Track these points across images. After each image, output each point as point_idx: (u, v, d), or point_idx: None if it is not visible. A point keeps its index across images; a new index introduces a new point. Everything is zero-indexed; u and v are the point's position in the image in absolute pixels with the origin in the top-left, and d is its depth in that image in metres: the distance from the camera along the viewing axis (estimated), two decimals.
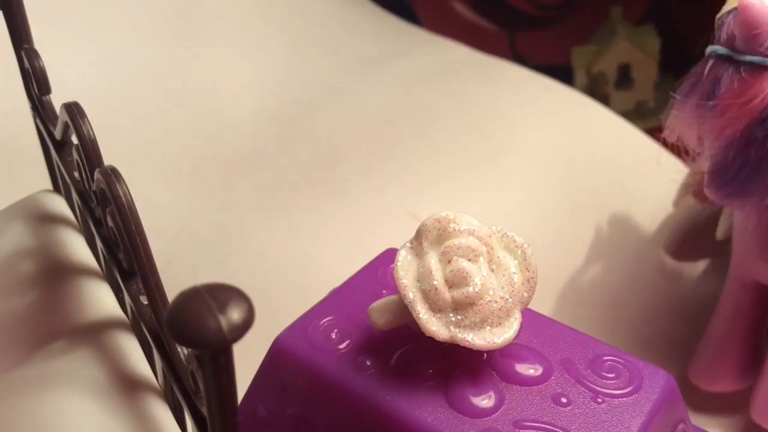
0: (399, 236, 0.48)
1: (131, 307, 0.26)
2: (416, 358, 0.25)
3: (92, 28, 0.60)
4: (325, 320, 0.27)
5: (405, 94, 0.61)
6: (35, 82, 0.28)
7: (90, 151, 0.24)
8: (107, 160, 0.24)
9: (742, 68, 0.30)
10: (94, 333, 0.25)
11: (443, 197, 0.51)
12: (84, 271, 0.27)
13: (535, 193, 0.46)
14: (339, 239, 0.48)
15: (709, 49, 0.32)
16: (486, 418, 0.24)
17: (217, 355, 0.16)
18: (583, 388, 0.25)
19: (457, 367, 0.25)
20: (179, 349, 0.23)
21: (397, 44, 0.67)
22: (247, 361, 0.25)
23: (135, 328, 0.26)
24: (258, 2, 0.67)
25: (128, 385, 0.24)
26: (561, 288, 0.45)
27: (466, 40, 0.67)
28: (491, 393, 0.24)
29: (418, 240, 0.25)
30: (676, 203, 0.46)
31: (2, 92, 0.46)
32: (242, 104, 0.59)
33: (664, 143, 0.36)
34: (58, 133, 0.28)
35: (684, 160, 0.38)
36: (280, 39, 0.65)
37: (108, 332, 0.25)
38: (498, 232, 0.25)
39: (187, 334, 0.15)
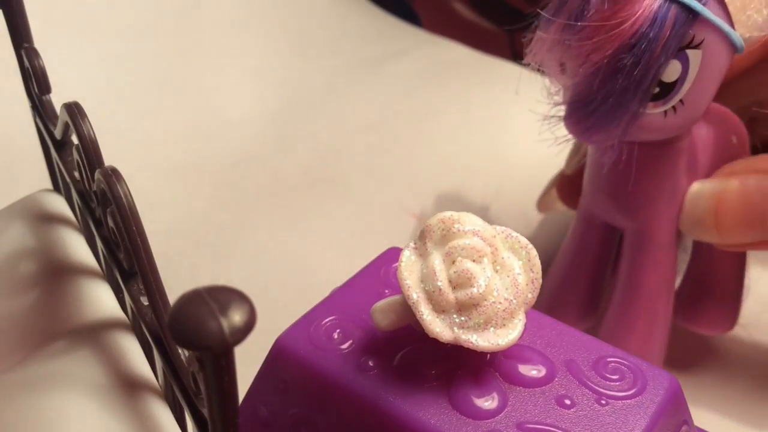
0: (399, 235, 0.48)
1: (131, 308, 0.25)
2: (419, 359, 0.25)
3: (92, 28, 0.60)
4: (327, 320, 0.27)
5: (405, 94, 0.61)
6: (35, 81, 0.28)
7: (90, 151, 0.24)
8: (107, 160, 0.24)
9: None
10: (95, 333, 0.25)
11: (443, 197, 0.51)
12: (84, 271, 0.27)
13: (535, 192, 0.46)
14: (339, 239, 0.48)
15: None
16: (489, 420, 0.23)
17: (218, 358, 0.16)
18: (586, 390, 0.24)
19: (460, 368, 0.25)
20: (180, 351, 0.23)
21: (397, 44, 0.67)
22: (248, 360, 0.25)
23: (135, 329, 0.26)
24: (258, 2, 0.67)
25: (128, 386, 0.24)
26: None
27: (466, 40, 0.67)
28: (494, 394, 0.24)
29: (422, 240, 0.25)
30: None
31: (2, 92, 0.46)
32: (242, 104, 0.59)
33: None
34: (58, 133, 0.28)
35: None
36: (280, 39, 0.65)
37: (108, 332, 0.25)
38: (502, 232, 0.25)
39: (189, 336, 0.15)
